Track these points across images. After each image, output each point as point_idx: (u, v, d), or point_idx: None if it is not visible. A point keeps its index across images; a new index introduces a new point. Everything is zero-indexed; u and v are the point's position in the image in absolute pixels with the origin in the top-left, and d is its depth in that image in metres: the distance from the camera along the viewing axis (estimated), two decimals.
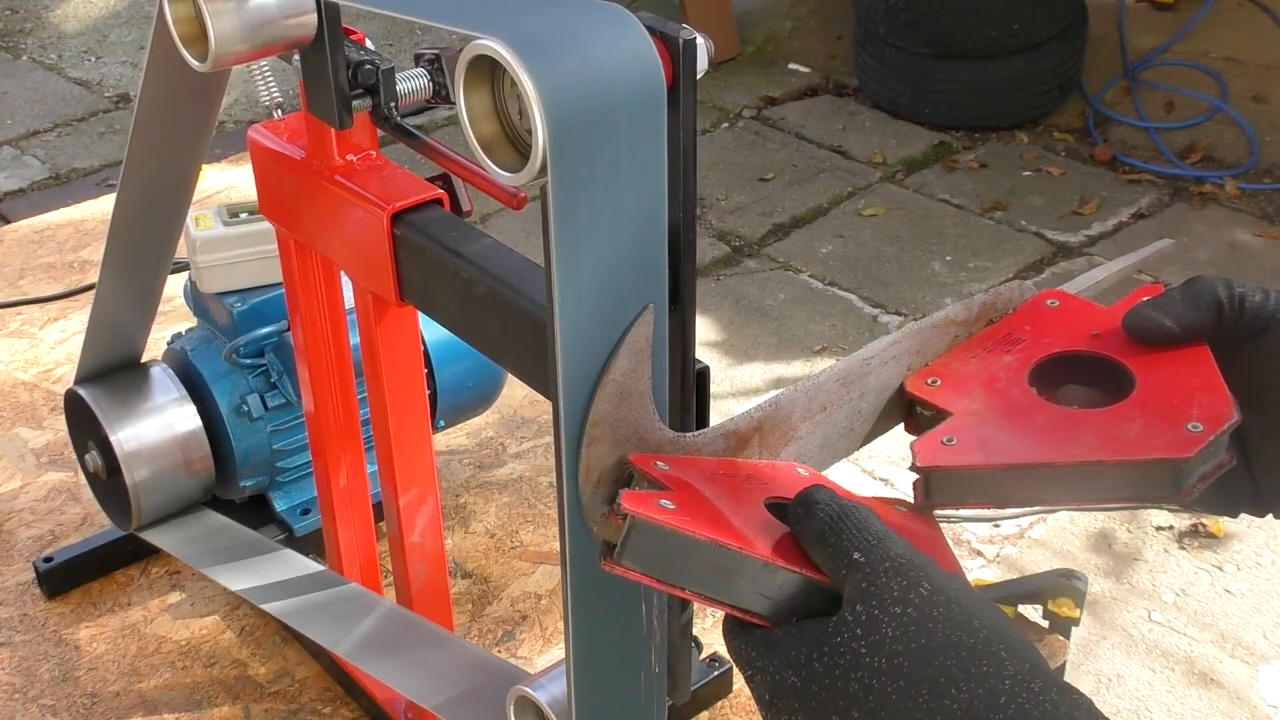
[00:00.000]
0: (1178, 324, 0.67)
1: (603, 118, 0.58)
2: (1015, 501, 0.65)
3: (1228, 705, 2.21)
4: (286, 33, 0.77)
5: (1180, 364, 0.67)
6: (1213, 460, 0.64)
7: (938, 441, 0.66)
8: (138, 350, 1.12)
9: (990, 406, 0.68)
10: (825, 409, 0.70)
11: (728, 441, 0.66)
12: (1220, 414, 0.63)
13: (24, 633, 1.13)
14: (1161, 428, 0.64)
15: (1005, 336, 0.73)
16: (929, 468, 0.65)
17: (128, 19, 4.93)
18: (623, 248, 0.61)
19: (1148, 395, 0.66)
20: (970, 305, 0.74)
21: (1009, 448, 0.65)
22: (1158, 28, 4.04)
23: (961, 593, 0.55)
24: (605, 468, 0.62)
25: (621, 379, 0.62)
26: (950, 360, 0.73)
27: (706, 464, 0.64)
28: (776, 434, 0.68)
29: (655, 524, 0.57)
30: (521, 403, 1.38)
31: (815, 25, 4.55)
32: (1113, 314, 0.71)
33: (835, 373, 0.70)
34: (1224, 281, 0.67)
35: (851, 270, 3.39)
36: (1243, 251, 3.42)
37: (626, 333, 0.62)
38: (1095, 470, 0.63)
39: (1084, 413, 0.67)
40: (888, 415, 0.72)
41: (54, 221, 1.75)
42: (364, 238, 0.84)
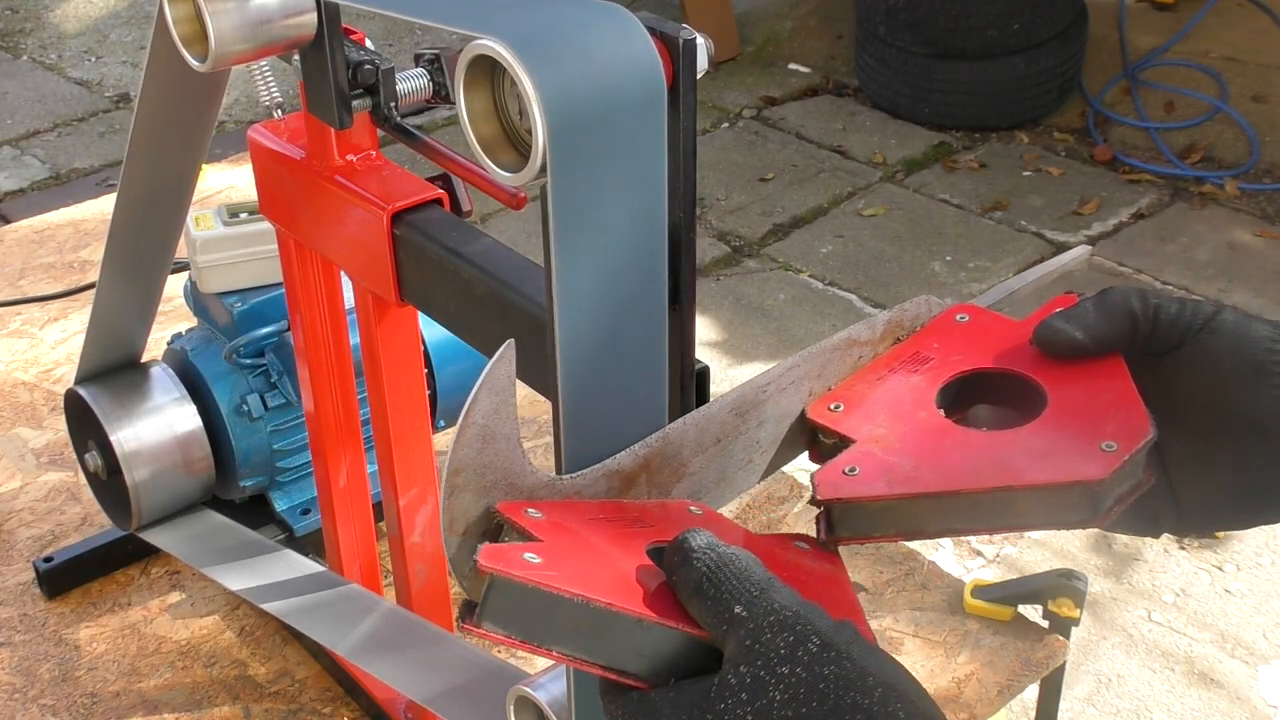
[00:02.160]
0: (1089, 336, 0.64)
1: (603, 118, 0.58)
2: (925, 532, 0.62)
3: (1228, 705, 2.21)
4: (286, 33, 0.77)
5: (1094, 379, 0.64)
6: (1129, 480, 0.61)
7: (839, 472, 0.62)
8: (138, 350, 1.12)
9: (895, 431, 0.64)
10: (719, 441, 0.65)
11: (611, 482, 0.62)
12: (1135, 431, 0.60)
13: (24, 633, 1.13)
14: (1074, 448, 0.60)
15: (913, 355, 0.70)
16: (830, 501, 0.61)
17: (128, 19, 4.93)
18: (622, 248, 0.61)
19: (1059, 413, 0.63)
20: (874, 324, 0.70)
21: (915, 476, 0.61)
22: (1158, 28, 4.04)
23: (854, 645, 0.51)
24: (472, 518, 0.58)
25: (483, 421, 0.58)
26: (854, 383, 0.69)
27: (587, 508, 0.60)
28: (666, 471, 0.64)
29: (516, 581, 0.52)
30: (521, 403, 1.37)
31: (815, 25, 4.55)
32: (1025, 327, 0.68)
33: (728, 402, 0.66)
34: (1138, 292, 0.64)
35: (851, 270, 3.39)
36: (1243, 251, 3.42)
37: (486, 372, 0.58)
38: (1006, 496, 0.60)
39: (993, 435, 0.63)
40: (789, 444, 0.68)
41: (54, 221, 1.75)
42: (364, 238, 0.84)
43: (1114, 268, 3.36)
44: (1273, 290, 3.24)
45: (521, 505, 0.58)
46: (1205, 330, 0.62)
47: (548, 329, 0.62)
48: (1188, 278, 3.30)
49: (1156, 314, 0.63)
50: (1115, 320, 0.64)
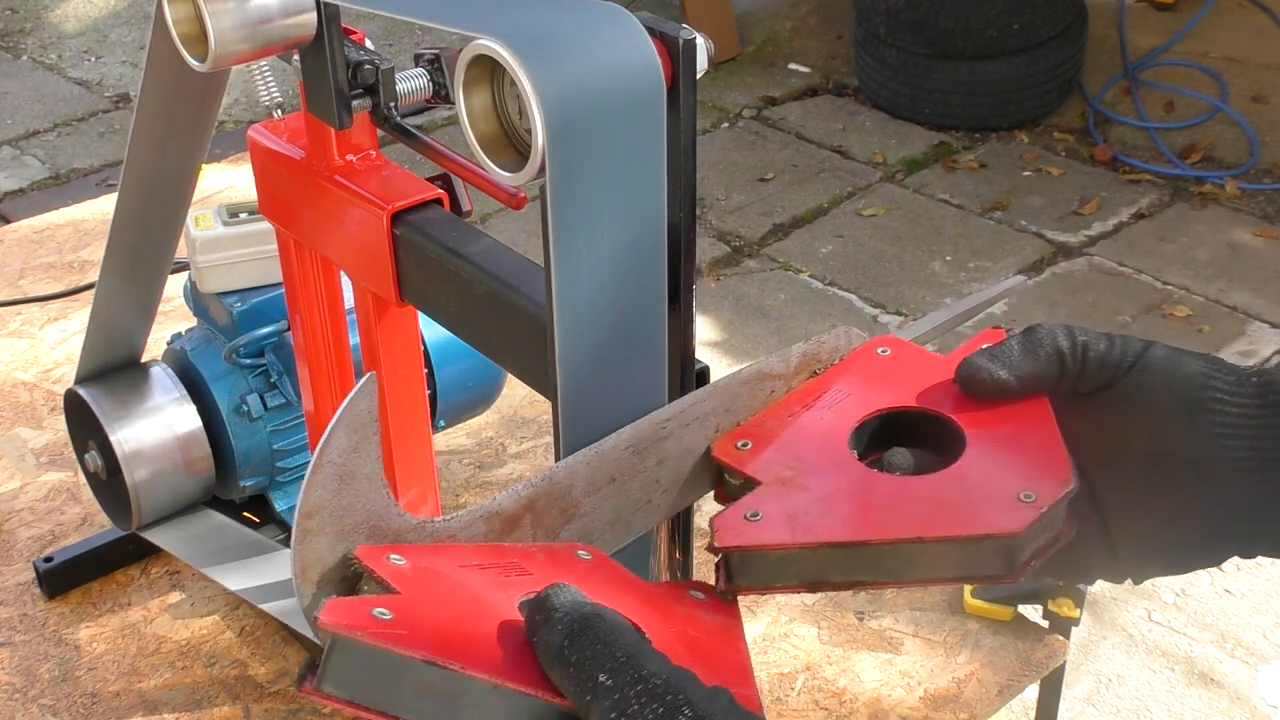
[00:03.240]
0: (1014, 376, 0.61)
1: (602, 118, 0.58)
2: (830, 584, 0.58)
3: (1228, 705, 2.21)
4: (286, 33, 0.77)
5: (1016, 422, 0.61)
6: (1048, 533, 0.57)
7: (740, 516, 0.58)
8: (138, 350, 1.12)
9: (803, 473, 0.61)
10: (614, 480, 0.62)
11: (490, 524, 0.58)
12: (1056, 481, 0.57)
13: (24, 633, 1.13)
14: (990, 498, 0.57)
15: (828, 391, 0.66)
16: (728, 549, 0.57)
17: (128, 19, 4.93)
18: (622, 248, 0.61)
19: (978, 459, 0.59)
20: (788, 356, 0.67)
21: (820, 524, 0.58)
22: (1158, 28, 4.04)
23: (730, 715, 0.48)
24: (328, 564, 0.53)
25: (340, 460, 0.53)
26: (765, 419, 0.65)
27: (461, 553, 0.56)
28: (554, 512, 0.60)
29: (361, 641, 0.48)
30: (521, 403, 1.38)
31: (815, 25, 4.55)
32: (949, 364, 0.64)
33: (624, 439, 0.62)
34: (1065, 330, 0.61)
35: (851, 270, 3.39)
36: (1243, 251, 3.42)
37: (342, 408, 0.54)
38: (916, 549, 0.57)
39: (906, 480, 0.60)
40: (694, 483, 0.65)
41: (54, 221, 1.75)
42: (364, 238, 0.84)
43: (1114, 268, 3.36)
44: (1273, 290, 3.24)
45: (384, 551, 0.54)
46: (1136, 368, 0.60)
47: (548, 329, 0.62)
48: (1188, 278, 3.30)
49: (1085, 352, 0.60)
50: (1041, 360, 0.61)
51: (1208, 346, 3.05)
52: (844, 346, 0.69)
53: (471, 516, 0.58)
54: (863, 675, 1.06)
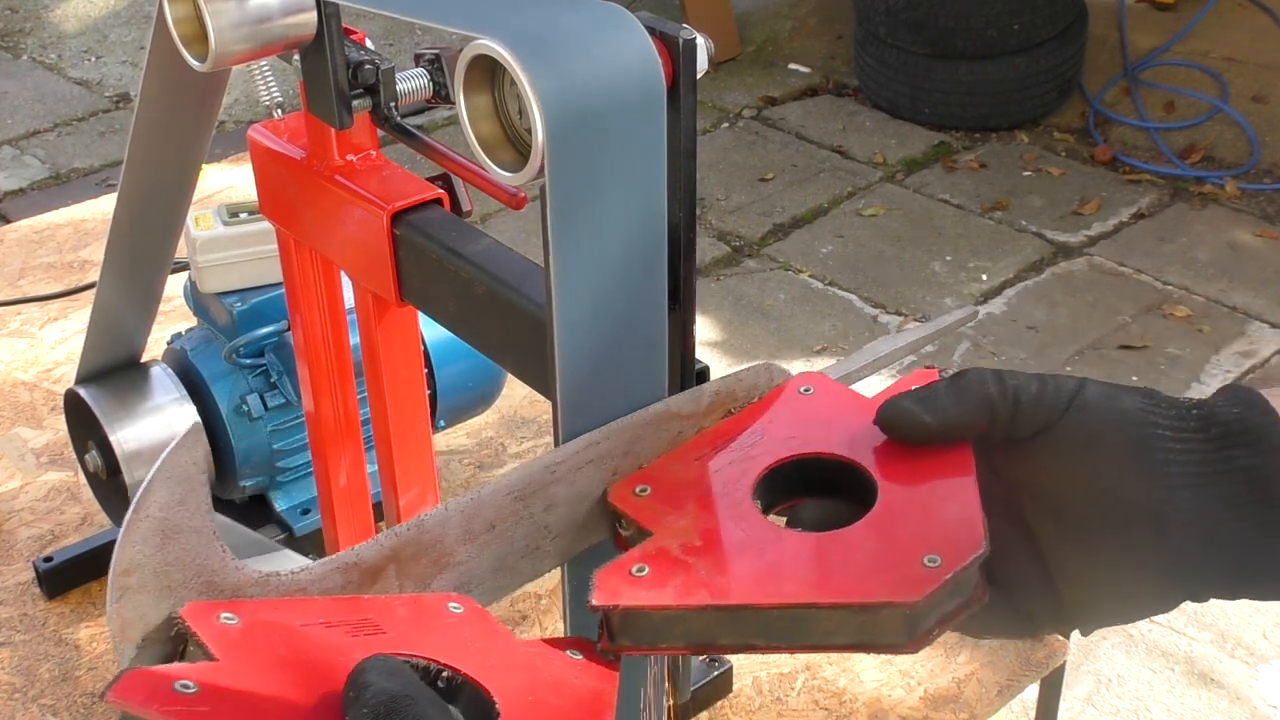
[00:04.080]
0: (938, 421, 0.57)
1: (602, 118, 0.58)
2: (717, 646, 0.54)
3: (1228, 705, 2.21)
4: (286, 32, 0.77)
5: (935, 473, 0.57)
6: (954, 599, 0.53)
7: (626, 571, 0.54)
8: (138, 350, 1.12)
9: (700, 525, 0.56)
10: (494, 527, 0.59)
11: (349, 576, 0.54)
12: (965, 544, 0.53)
13: (24, 633, 1.13)
14: (892, 561, 0.53)
15: (741, 433, 0.61)
16: (607, 608, 0.53)
17: (128, 19, 4.93)
18: (622, 248, 0.61)
19: (886, 515, 0.56)
20: (700, 395, 0.63)
21: (709, 583, 0.53)
22: (1158, 28, 4.04)
23: None
24: (151, 624, 0.50)
25: (161, 514, 0.50)
26: (669, 462, 0.61)
27: (309, 607, 0.52)
28: (423, 561, 0.57)
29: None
30: (521, 403, 1.38)
31: (815, 25, 4.55)
32: (874, 405, 0.60)
33: (506, 484, 0.58)
34: (995, 375, 0.58)
35: (851, 270, 3.39)
36: (1243, 252, 3.42)
37: (163, 459, 0.51)
38: (807, 614, 0.52)
39: (805, 539, 0.56)
40: (589, 528, 0.61)
41: (54, 221, 1.75)
42: (364, 237, 0.84)
43: (1114, 268, 3.36)
44: (1273, 290, 3.24)
45: (215, 609, 0.50)
46: (1072, 409, 0.56)
47: (548, 329, 0.62)
48: (1188, 278, 3.30)
49: (1016, 397, 0.57)
50: (969, 406, 0.57)
51: (1208, 346, 3.05)
52: (763, 384, 0.64)
53: (326, 568, 0.54)
54: (863, 675, 1.06)
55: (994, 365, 2.99)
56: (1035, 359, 3.03)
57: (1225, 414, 0.55)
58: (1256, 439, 0.54)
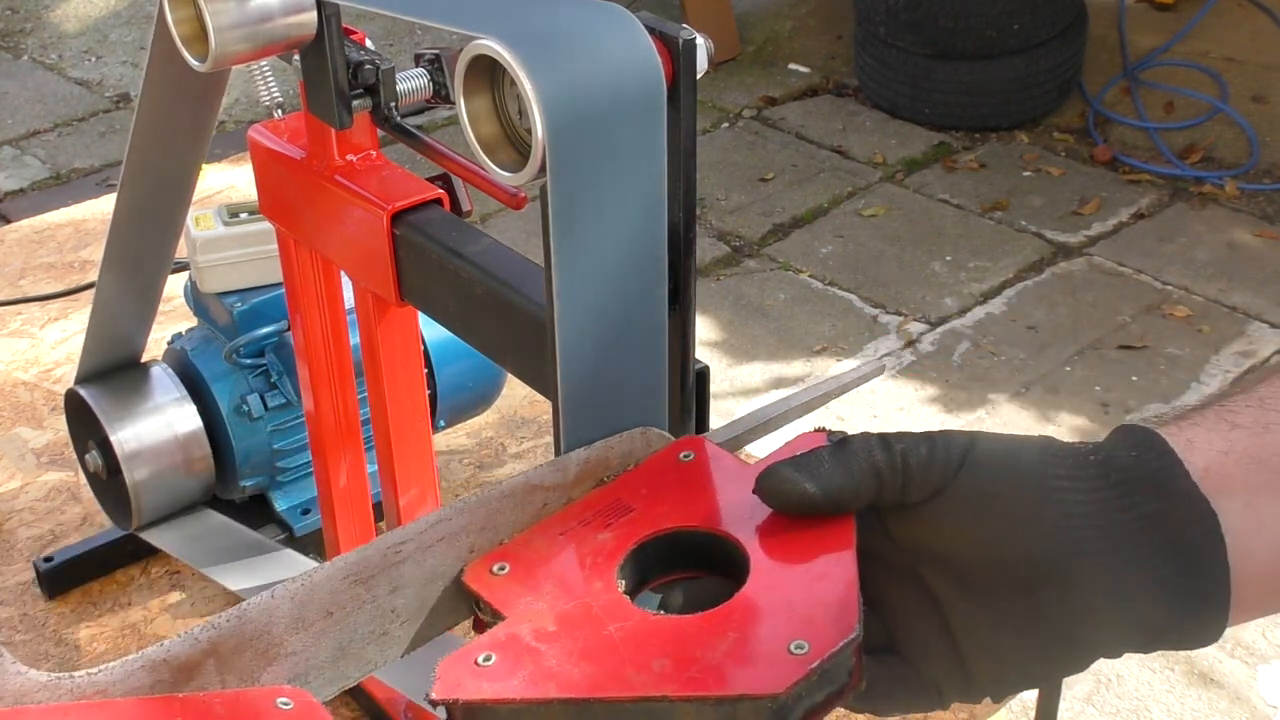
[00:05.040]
0: (821, 490, 0.54)
1: (602, 118, 0.58)
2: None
3: (1228, 705, 2.21)
4: (286, 32, 0.77)
5: (812, 548, 0.53)
6: (825, 689, 0.50)
7: (471, 661, 0.51)
8: (138, 350, 1.12)
9: (557, 608, 0.53)
10: (331, 614, 0.54)
11: (158, 674, 0.50)
12: (836, 629, 0.50)
13: (24, 632, 1.13)
14: (755, 648, 0.50)
15: (612, 504, 0.58)
16: (447, 701, 0.50)
17: (128, 19, 4.93)
18: (623, 248, 0.61)
19: (755, 596, 0.52)
20: (565, 465, 0.59)
21: (559, 674, 0.50)
22: (1158, 28, 4.04)
23: None
24: None
25: None
26: (531, 537, 0.57)
27: (113, 711, 0.48)
28: (248, 654, 0.52)
29: None
30: (521, 403, 1.38)
31: (815, 25, 4.55)
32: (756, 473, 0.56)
33: (341, 568, 0.54)
34: (881, 441, 0.55)
35: (851, 270, 3.39)
36: (1242, 252, 3.42)
37: None
38: (662, 708, 0.49)
39: (666, 623, 0.52)
40: (445, 611, 0.57)
41: (54, 221, 1.75)
42: (364, 237, 0.84)
43: (1114, 268, 3.36)
44: (1272, 290, 3.24)
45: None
46: (965, 468, 0.53)
47: (548, 329, 0.61)
48: (1187, 278, 3.30)
49: (905, 461, 0.54)
50: (856, 475, 0.54)
51: (1208, 346, 3.05)
52: (639, 451, 0.61)
53: (129, 667, 0.49)
54: None
55: (994, 364, 3.00)
56: (1035, 359, 3.03)
57: (1123, 459, 0.52)
58: (1157, 482, 0.51)
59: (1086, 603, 0.52)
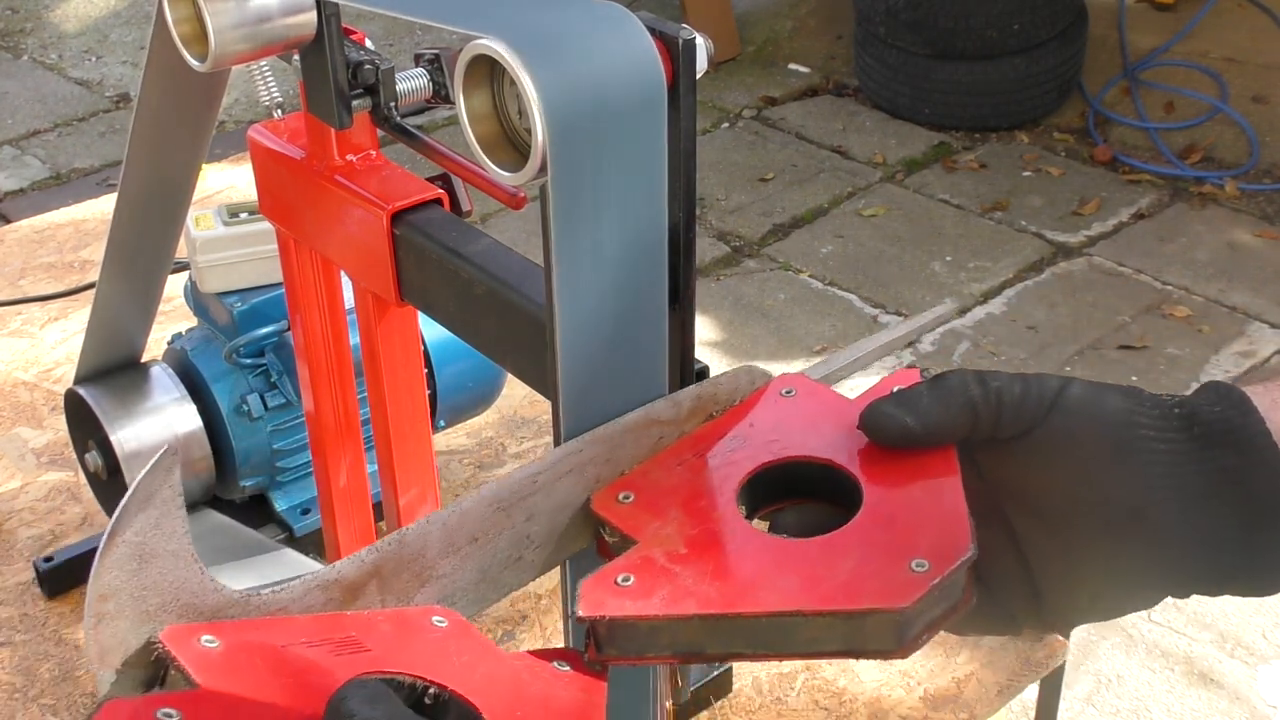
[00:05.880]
0: (920, 424, 0.57)
1: (602, 117, 0.58)
2: (704, 655, 0.54)
3: (1227, 705, 2.21)
4: (286, 32, 0.77)
5: (920, 477, 0.56)
6: (942, 604, 0.53)
7: (610, 581, 0.54)
8: (138, 350, 1.12)
9: (684, 532, 0.56)
10: (476, 540, 0.58)
11: (330, 593, 0.54)
12: (953, 548, 0.53)
13: (24, 632, 1.13)
14: (878, 566, 0.53)
15: (723, 438, 0.61)
16: (592, 619, 0.53)
17: (128, 19, 4.93)
18: (623, 247, 0.61)
19: (872, 520, 0.55)
20: (679, 400, 0.62)
21: (694, 591, 0.53)
22: (1158, 28, 4.04)
23: None
24: (131, 649, 0.49)
25: (137, 539, 0.50)
26: (651, 468, 0.60)
27: (294, 626, 0.51)
28: (405, 576, 0.56)
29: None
30: (521, 403, 1.38)
31: (815, 25, 4.55)
32: (857, 407, 0.59)
33: (487, 497, 0.58)
34: (977, 377, 0.57)
35: (851, 270, 3.39)
36: (1243, 252, 3.42)
37: (136, 484, 0.50)
38: (794, 622, 0.52)
39: (791, 545, 0.55)
40: (572, 537, 0.60)
41: (54, 221, 1.75)
42: (364, 237, 0.84)
43: (1114, 268, 3.36)
44: (1272, 290, 3.24)
45: (195, 631, 0.49)
46: (1055, 410, 0.56)
47: (548, 329, 0.62)
48: (1187, 278, 3.30)
49: (999, 399, 0.57)
50: (952, 409, 0.57)
51: (1208, 346, 3.05)
52: (744, 387, 0.64)
53: (306, 586, 0.53)
54: (862, 675, 1.06)
55: (994, 366, 2.99)
56: (1035, 359, 3.03)
57: (1207, 413, 0.55)
58: (1238, 438, 0.54)
59: (1160, 546, 0.55)
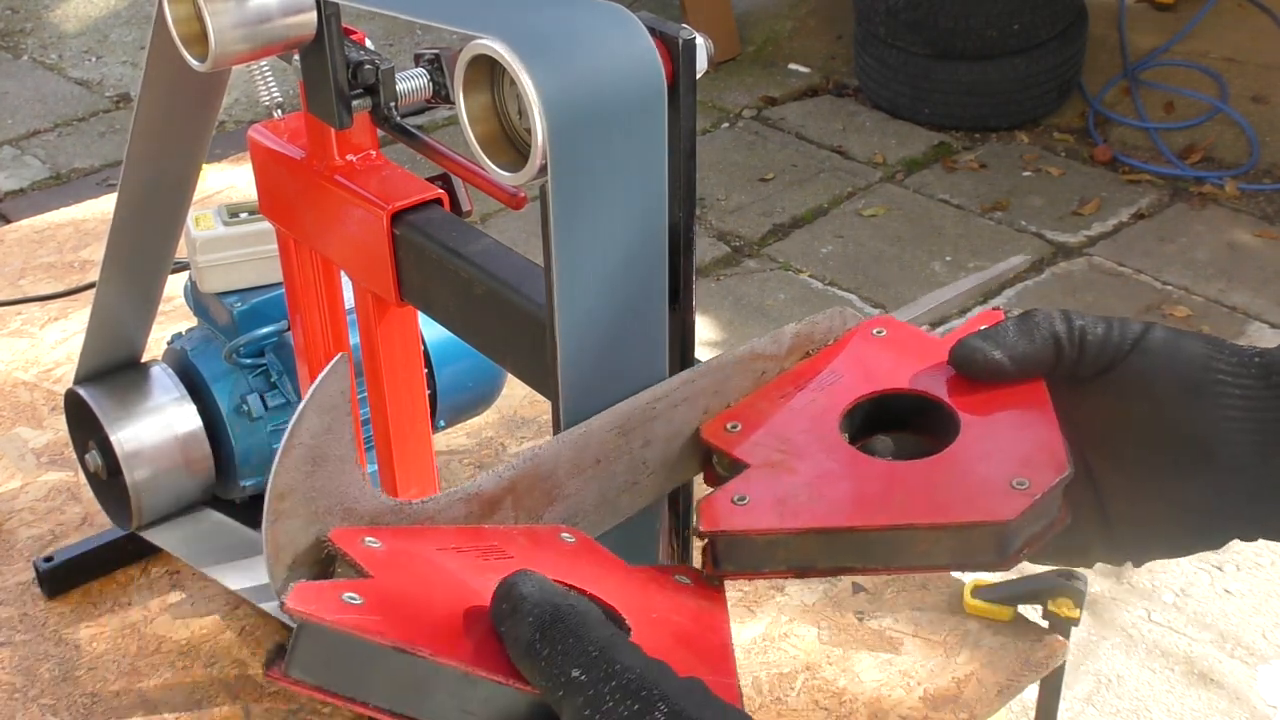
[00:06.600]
0: (1009, 357, 0.60)
1: (602, 117, 0.58)
2: (817, 569, 0.57)
3: (1227, 705, 2.21)
4: (286, 32, 0.77)
5: (1012, 406, 0.59)
6: (1042, 520, 0.57)
7: (728, 500, 0.57)
8: (138, 350, 1.12)
9: (793, 457, 0.60)
10: (599, 462, 0.61)
11: (470, 506, 0.57)
12: (1051, 467, 0.56)
13: (24, 632, 1.13)
14: (982, 484, 0.56)
15: (821, 372, 0.64)
16: (714, 533, 0.57)
17: (128, 19, 4.93)
18: (623, 247, 0.61)
19: (971, 444, 0.58)
20: (781, 337, 0.65)
21: (808, 508, 0.57)
22: (1158, 28, 4.04)
23: (705, 709, 0.46)
24: (301, 547, 0.53)
25: (311, 441, 0.53)
26: (755, 401, 0.64)
27: (440, 535, 0.55)
28: (536, 494, 0.59)
29: (328, 627, 0.47)
30: (521, 403, 1.38)
31: (815, 25, 4.55)
32: (946, 345, 0.63)
33: (610, 419, 0.61)
34: (1062, 314, 0.60)
35: (851, 270, 3.39)
36: (1242, 252, 3.42)
37: (313, 388, 0.53)
38: (905, 535, 0.56)
39: (897, 465, 0.59)
40: (681, 465, 0.64)
41: (54, 221, 1.75)
42: (364, 237, 0.84)
43: (1114, 268, 3.36)
44: (1272, 290, 3.24)
45: (359, 533, 0.53)
46: (1135, 351, 0.59)
47: (548, 329, 0.62)
48: (1187, 278, 3.30)
49: (1083, 336, 0.59)
50: (1037, 343, 0.60)
51: None
52: (838, 327, 0.67)
53: (450, 499, 0.56)
54: (862, 675, 1.06)
55: None
56: None
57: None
58: None
59: (1229, 490, 0.57)
